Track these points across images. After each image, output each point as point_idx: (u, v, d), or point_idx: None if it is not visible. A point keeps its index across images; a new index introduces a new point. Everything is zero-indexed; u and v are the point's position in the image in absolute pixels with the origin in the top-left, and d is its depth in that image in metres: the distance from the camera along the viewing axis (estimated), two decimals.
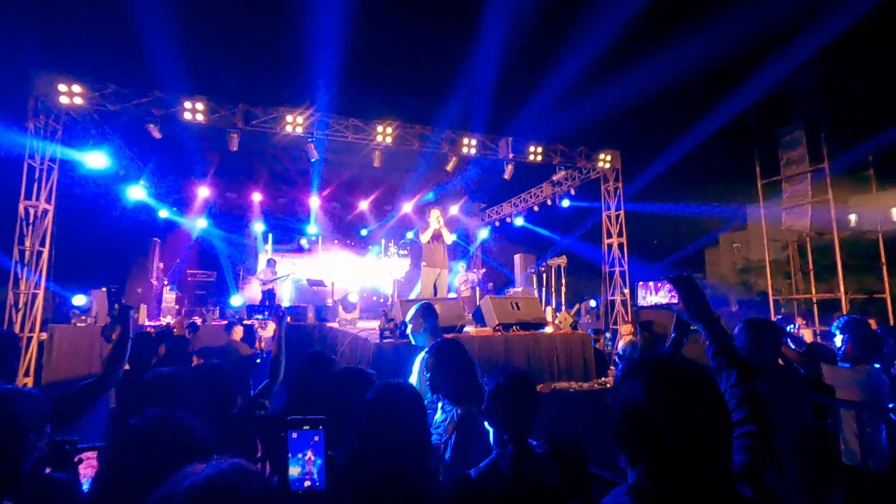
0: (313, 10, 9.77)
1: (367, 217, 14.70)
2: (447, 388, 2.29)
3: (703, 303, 1.38)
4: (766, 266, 10.91)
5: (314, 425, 1.05)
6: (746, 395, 1.17)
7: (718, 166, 20.85)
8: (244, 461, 0.84)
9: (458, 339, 2.69)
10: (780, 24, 10.63)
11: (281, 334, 2.69)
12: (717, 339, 1.32)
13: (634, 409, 0.93)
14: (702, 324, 1.37)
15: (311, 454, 1.03)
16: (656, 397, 0.90)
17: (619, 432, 0.95)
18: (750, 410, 1.13)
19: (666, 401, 0.89)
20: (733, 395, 1.19)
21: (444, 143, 10.02)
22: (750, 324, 2.55)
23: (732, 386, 1.21)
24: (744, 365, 1.24)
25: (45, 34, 10.51)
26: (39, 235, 7.70)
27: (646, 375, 0.95)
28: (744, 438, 1.08)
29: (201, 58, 11.46)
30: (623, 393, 0.97)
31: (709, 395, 0.91)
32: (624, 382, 0.99)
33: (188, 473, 0.80)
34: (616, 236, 11.33)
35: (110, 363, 2.16)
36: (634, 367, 0.99)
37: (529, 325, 5.61)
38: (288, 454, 1.03)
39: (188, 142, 9.86)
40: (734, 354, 1.28)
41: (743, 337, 2.52)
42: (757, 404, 1.15)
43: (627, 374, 0.99)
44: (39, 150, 7.70)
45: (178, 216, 12.48)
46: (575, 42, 11.74)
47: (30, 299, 7.52)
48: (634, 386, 0.95)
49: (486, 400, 1.81)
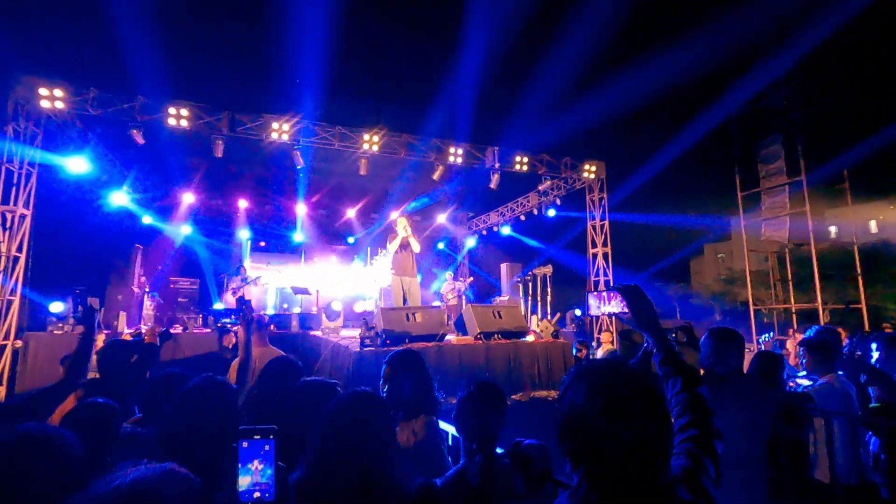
0: (300, 17, 9.82)
1: (353, 225, 14.66)
2: (404, 399, 2.28)
3: (650, 312, 1.40)
4: (747, 277, 11.08)
5: (265, 435, 1.04)
6: (691, 401, 1.19)
7: (701, 178, 21.29)
8: (177, 466, 0.83)
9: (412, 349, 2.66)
10: (758, 39, 10.92)
11: (248, 339, 2.65)
12: (663, 348, 1.35)
13: (574, 413, 0.94)
14: (648, 332, 1.39)
15: (259, 464, 1.02)
16: (595, 401, 0.91)
17: (561, 437, 0.97)
18: (693, 416, 1.15)
19: (604, 405, 0.90)
20: (678, 402, 1.21)
21: (431, 151, 10.07)
22: (714, 333, 2.58)
23: (678, 393, 1.23)
24: (689, 372, 1.27)
25: (26, 38, 10.42)
26: (17, 241, 7.57)
27: (587, 380, 0.96)
28: (687, 443, 1.09)
29: (186, 64, 11.43)
30: (567, 398, 0.98)
31: (648, 401, 0.93)
32: (569, 388, 1.00)
33: (116, 476, 0.79)
34: (601, 246, 11.44)
35: (74, 364, 2.13)
36: (578, 372, 1.01)
37: (511, 333, 5.63)
38: (237, 465, 1.02)
39: (173, 148, 9.77)
40: (680, 362, 1.30)
41: (707, 346, 2.55)
42: (700, 410, 1.17)
43: (573, 380, 1.01)
44: (18, 154, 7.59)
45: (161, 223, 12.34)
46: (559, 54, 11.94)
47: (4, 306, 7.37)
48: (577, 391, 0.96)
49: (455, 409, 1.81)
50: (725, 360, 2.46)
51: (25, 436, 1.18)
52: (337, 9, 9.80)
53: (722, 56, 11.87)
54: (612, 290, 1.45)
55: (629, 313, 1.41)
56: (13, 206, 7.52)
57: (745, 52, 11.04)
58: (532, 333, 5.99)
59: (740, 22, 11.08)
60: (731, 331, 2.57)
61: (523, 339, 5.70)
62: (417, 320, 5.37)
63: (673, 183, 19.70)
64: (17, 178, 7.58)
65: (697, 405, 1.18)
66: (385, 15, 13.58)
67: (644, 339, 1.71)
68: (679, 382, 1.24)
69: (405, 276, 7.36)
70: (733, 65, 11.41)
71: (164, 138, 9.16)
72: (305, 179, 11.42)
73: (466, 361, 5.11)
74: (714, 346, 2.49)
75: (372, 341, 5.02)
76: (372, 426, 1.52)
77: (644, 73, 12.12)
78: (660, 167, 13.12)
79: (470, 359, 5.14)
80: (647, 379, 0.98)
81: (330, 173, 11.34)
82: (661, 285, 25.29)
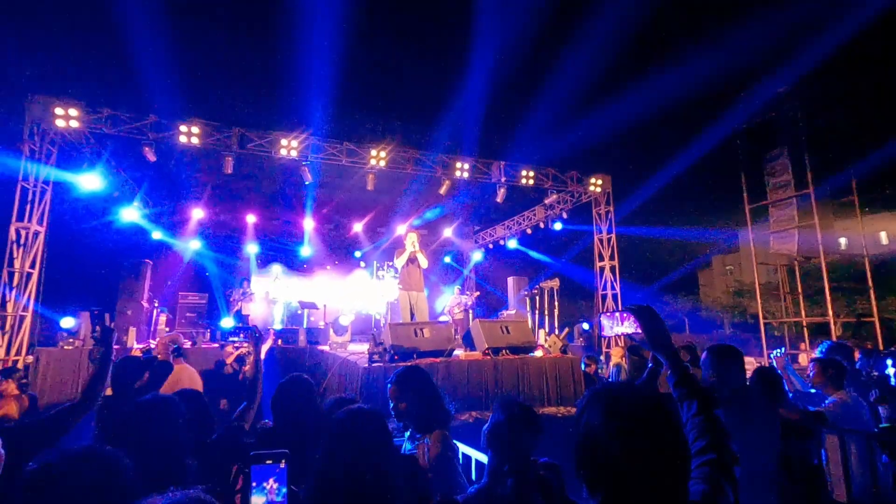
0: (308, 36, 10.01)
1: (361, 239, 14.74)
2: (414, 416, 2.28)
3: (663, 333, 1.40)
4: (756, 290, 10.99)
5: (276, 459, 1.06)
6: (707, 424, 1.18)
7: (708, 190, 21.18)
8: (202, 492, 0.85)
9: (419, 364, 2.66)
10: (764, 52, 10.97)
11: (258, 357, 2.67)
12: (677, 369, 1.34)
13: (590, 437, 0.94)
14: (662, 353, 1.39)
15: (274, 483, 1.04)
16: (612, 426, 0.91)
17: (578, 461, 0.97)
18: (711, 440, 1.14)
19: (620, 430, 0.90)
20: (694, 425, 1.20)
21: (437, 166, 10.15)
22: (714, 351, 2.56)
23: (694, 416, 1.22)
24: (705, 394, 1.26)
25: (42, 59, 10.67)
26: (30, 257, 7.68)
27: (602, 405, 0.97)
28: (704, 468, 1.09)
29: (197, 82, 11.65)
30: (583, 422, 0.99)
31: (665, 425, 0.93)
32: (584, 411, 1.00)
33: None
34: (608, 259, 11.41)
35: (91, 385, 2.15)
36: (592, 395, 1.01)
37: (519, 349, 5.61)
38: (252, 485, 1.03)
39: (183, 164, 9.92)
40: (695, 384, 1.29)
41: (708, 364, 2.53)
42: (718, 434, 1.16)
43: (587, 404, 1.01)
44: (33, 172, 7.73)
45: (171, 238, 12.47)
46: (566, 68, 12.05)
47: (17, 322, 7.44)
48: (592, 414, 0.97)
49: (489, 429, 1.81)
50: (727, 377, 2.44)
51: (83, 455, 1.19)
52: (344, 27, 9.99)
53: (728, 69, 11.94)
54: (624, 310, 1.46)
55: (642, 334, 1.41)
56: (27, 222, 7.65)
57: (751, 65, 11.09)
58: (540, 348, 5.97)
59: (746, 34, 11.16)
60: (730, 347, 2.56)
61: (531, 355, 5.67)
62: (425, 336, 5.36)
63: (680, 196, 19.65)
64: (31, 195, 7.71)
65: (714, 428, 1.17)
66: (392, 32, 13.85)
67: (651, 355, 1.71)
68: (695, 405, 1.23)
69: (412, 291, 7.37)
70: (739, 77, 11.46)
71: (175, 155, 9.32)
72: (313, 194, 11.53)
73: (475, 377, 5.09)
74: (715, 364, 2.48)
75: (380, 357, 5.02)
76: (371, 442, 1.52)
77: (650, 86, 12.21)
78: (666, 180, 13.13)
79: (478, 374, 5.12)
80: (663, 403, 0.98)
81: (338, 188, 11.44)
82: (669, 298, 25.07)
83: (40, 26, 10.93)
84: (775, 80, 10.13)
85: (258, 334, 2.85)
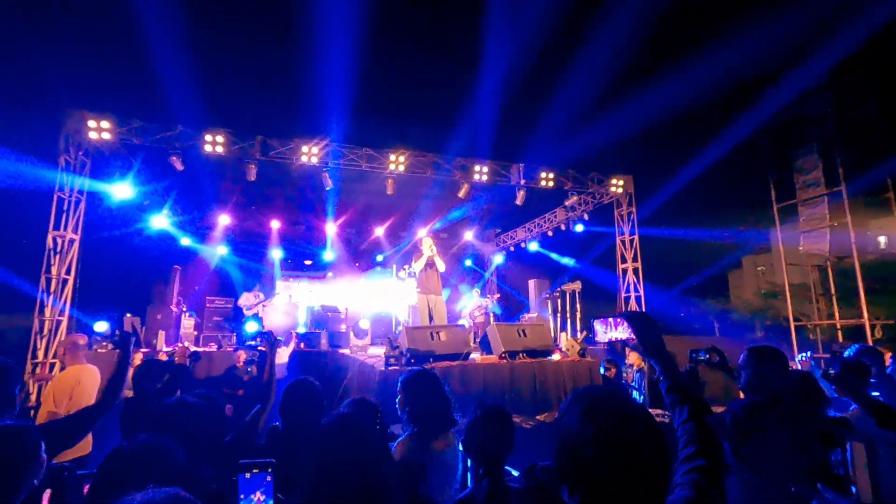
0: (326, 44, 10.18)
1: (382, 243, 14.88)
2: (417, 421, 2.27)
3: (657, 339, 1.39)
4: (785, 291, 10.61)
5: (263, 468, 1.09)
6: (698, 430, 1.16)
7: (734, 189, 20.53)
8: (182, 491, 0.88)
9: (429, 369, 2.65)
10: (791, 46, 10.59)
11: (272, 360, 2.73)
12: (669, 375, 1.33)
13: (568, 439, 0.95)
14: (655, 359, 1.38)
15: (261, 495, 1.07)
16: (588, 430, 0.91)
17: (556, 462, 0.97)
18: (700, 446, 1.12)
19: (595, 432, 0.90)
20: (685, 431, 1.18)
21: (456, 170, 10.18)
22: (754, 352, 2.46)
23: (684, 421, 1.20)
24: (696, 401, 1.24)
25: (76, 74, 11.17)
26: (66, 264, 8.02)
27: (580, 406, 0.96)
28: (692, 474, 1.07)
29: (220, 92, 11.98)
30: (563, 424, 0.99)
31: (640, 429, 0.92)
32: (565, 413, 1.00)
33: (126, 502, 0.84)
34: (631, 261, 11.22)
35: (109, 388, 2.24)
36: (574, 398, 1.01)
37: (536, 352, 5.57)
38: (240, 496, 1.06)
39: (208, 172, 10.22)
40: (686, 390, 1.28)
41: (748, 366, 2.43)
42: (708, 440, 1.14)
43: (569, 405, 1.01)
44: (69, 182, 8.09)
45: (198, 244, 12.85)
46: (583, 66, 11.89)
47: (54, 326, 7.78)
48: (571, 417, 0.97)
49: (463, 433, 1.81)
50: (768, 381, 2.33)
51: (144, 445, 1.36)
52: (361, 35, 10.12)
53: (753, 63, 11.57)
54: (618, 316, 1.46)
55: (636, 340, 1.40)
56: (63, 231, 8.00)
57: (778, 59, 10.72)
58: (558, 352, 5.91)
59: (772, 27, 10.79)
60: (772, 349, 2.43)
61: (549, 358, 5.62)
62: (441, 339, 5.38)
63: (705, 195, 19.13)
64: (67, 204, 8.08)
65: (705, 435, 1.16)
66: (407, 37, 13.98)
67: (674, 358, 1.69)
68: (686, 411, 1.22)
69: (430, 295, 7.41)
70: (765, 72, 11.08)
71: (200, 163, 9.60)
72: (334, 200, 11.71)
73: (491, 381, 5.07)
74: (755, 366, 2.38)
75: (396, 360, 5.06)
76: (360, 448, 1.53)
77: (672, 82, 11.92)
78: (690, 179, 12.81)
79: (494, 378, 5.10)
80: (641, 407, 0.97)
81: (358, 193, 11.59)
82: (696, 300, 24.39)
83: (74, 43, 11.45)
84: (803, 73, 9.77)
85: (273, 339, 2.91)
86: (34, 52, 10.72)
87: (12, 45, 10.45)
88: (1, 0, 10.19)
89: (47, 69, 10.71)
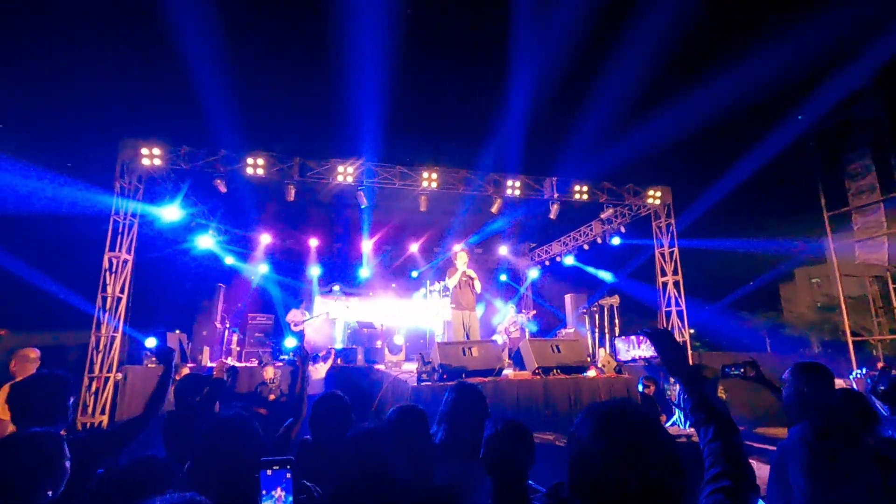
0: (358, 66, 10.55)
1: (416, 259, 15.02)
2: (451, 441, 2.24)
3: (680, 357, 1.36)
4: (841, 304, 9.97)
5: (283, 465, 1.13)
6: (724, 450, 1.12)
7: (781, 197, 19.56)
8: (197, 495, 0.93)
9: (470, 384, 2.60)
10: (837, 46, 10.10)
11: (303, 375, 2.80)
12: (694, 394, 1.29)
13: (581, 453, 0.94)
14: (679, 378, 1.35)
15: (282, 491, 1.11)
16: (598, 443, 0.90)
17: (571, 478, 0.96)
18: (726, 466, 1.08)
19: (606, 447, 0.89)
20: (710, 451, 1.15)
21: (488, 185, 10.23)
22: (799, 369, 2.33)
23: (710, 441, 1.17)
24: (722, 419, 1.20)
25: (129, 105, 11.99)
26: (120, 283, 8.52)
27: (593, 420, 0.96)
28: (717, 494, 1.03)
29: (260, 117, 12.56)
30: (575, 438, 0.98)
31: (654, 445, 0.90)
32: (578, 427, 0.99)
33: None
34: (671, 274, 10.87)
35: (151, 402, 2.35)
36: (587, 411, 1.00)
37: (571, 368, 5.46)
38: (261, 492, 1.11)
39: (250, 193, 10.68)
40: (712, 409, 1.24)
41: (792, 384, 2.30)
42: (735, 460, 1.09)
43: (582, 419, 1.00)
44: (123, 206, 8.65)
45: (241, 262, 13.36)
46: (616, 75, 11.74)
47: (109, 342, 8.24)
48: (584, 430, 0.96)
49: (482, 450, 1.80)
50: (806, 398, 2.20)
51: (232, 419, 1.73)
52: (392, 55, 10.42)
53: (798, 65, 11.07)
54: (640, 334, 1.44)
55: (658, 358, 1.38)
56: (118, 251, 8.52)
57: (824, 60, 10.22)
58: (593, 368, 5.77)
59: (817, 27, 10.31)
60: (816, 365, 2.31)
61: (584, 375, 5.49)
62: (474, 355, 5.36)
63: (748, 204, 18.33)
64: (121, 227, 8.61)
65: (732, 454, 1.12)
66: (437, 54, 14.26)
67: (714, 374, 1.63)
68: (711, 430, 1.18)
69: (465, 311, 7.41)
70: (811, 74, 10.58)
71: (242, 185, 10.06)
72: (369, 217, 11.96)
73: (524, 397, 5.01)
74: (795, 383, 2.26)
75: (429, 376, 5.07)
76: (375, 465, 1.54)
77: (709, 89, 11.57)
78: (732, 188, 12.32)
79: (528, 394, 5.03)
80: (655, 422, 0.95)
81: (392, 210, 11.80)
82: (745, 315, 23.20)
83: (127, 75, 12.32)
84: (851, 75, 9.30)
85: (305, 354, 2.99)
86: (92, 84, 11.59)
87: (71, 79, 11.35)
88: (59, 39, 11.12)
89: (103, 101, 11.55)
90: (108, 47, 11.82)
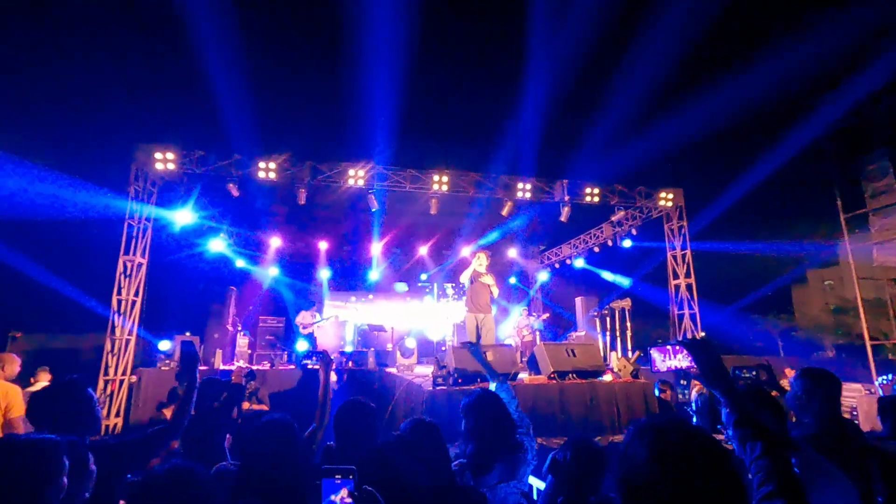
0: (370, 70, 10.57)
1: (426, 262, 15.02)
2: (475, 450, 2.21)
3: (719, 367, 1.29)
4: (859, 307, 9.82)
5: (345, 475, 1.13)
6: (774, 467, 1.08)
7: (795, 199, 19.32)
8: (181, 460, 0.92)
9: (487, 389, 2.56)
10: (855, 47, 9.95)
11: (326, 380, 2.78)
12: (737, 407, 1.23)
13: (635, 474, 0.91)
14: (719, 390, 1.28)
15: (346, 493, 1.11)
16: (658, 467, 0.87)
17: (622, 498, 0.93)
18: (778, 485, 1.04)
19: (667, 472, 0.86)
20: (759, 468, 1.10)
21: (499, 188, 10.21)
22: (806, 374, 2.31)
23: (758, 458, 1.12)
24: (770, 436, 1.15)
25: (143, 110, 12.12)
26: (134, 286, 8.59)
27: (651, 440, 0.91)
28: None
29: (272, 122, 12.63)
30: (628, 455, 0.95)
31: (719, 467, 0.86)
32: (630, 445, 0.96)
33: None
34: (683, 277, 10.78)
35: (179, 412, 2.33)
36: (639, 429, 0.97)
37: (586, 372, 5.41)
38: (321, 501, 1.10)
39: (261, 197, 10.73)
40: (757, 423, 1.19)
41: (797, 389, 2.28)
42: (786, 478, 1.05)
43: (635, 436, 0.97)
44: (138, 210, 8.72)
45: (252, 265, 13.43)
46: (628, 76, 11.66)
47: (123, 345, 8.31)
48: (638, 449, 0.93)
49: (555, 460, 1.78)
50: (811, 405, 2.21)
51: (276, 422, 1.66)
52: (403, 58, 10.43)
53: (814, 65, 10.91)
54: (676, 343, 1.40)
55: (696, 368, 1.33)
56: (132, 255, 8.59)
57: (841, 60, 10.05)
58: (609, 372, 5.71)
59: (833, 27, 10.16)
60: (822, 372, 2.30)
61: (600, 379, 5.44)
62: (489, 359, 5.33)
63: (762, 206, 18.13)
64: (136, 231, 8.68)
65: (782, 472, 1.07)
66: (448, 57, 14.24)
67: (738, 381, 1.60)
68: (759, 447, 1.13)
69: (479, 313, 7.36)
70: (828, 75, 10.42)
71: (254, 189, 10.10)
72: (379, 220, 11.97)
73: (541, 402, 4.96)
74: (802, 390, 2.25)
75: (444, 380, 5.05)
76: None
77: (724, 89, 11.43)
78: (745, 190, 12.18)
79: (544, 399, 4.99)
80: (713, 441, 0.92)
81: (402, 213, 11.80)
82: (757, 318, 22.97)
83: (141, 80, 12.44)
84: (869, 75, 9.15)
85: (327, 358, 2.97)
86: (108, 90, 11.72)
87: (87, 85, 11.48)
88: (77, 47, 11.26)
89: (119, 107, 11.67)
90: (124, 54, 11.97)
